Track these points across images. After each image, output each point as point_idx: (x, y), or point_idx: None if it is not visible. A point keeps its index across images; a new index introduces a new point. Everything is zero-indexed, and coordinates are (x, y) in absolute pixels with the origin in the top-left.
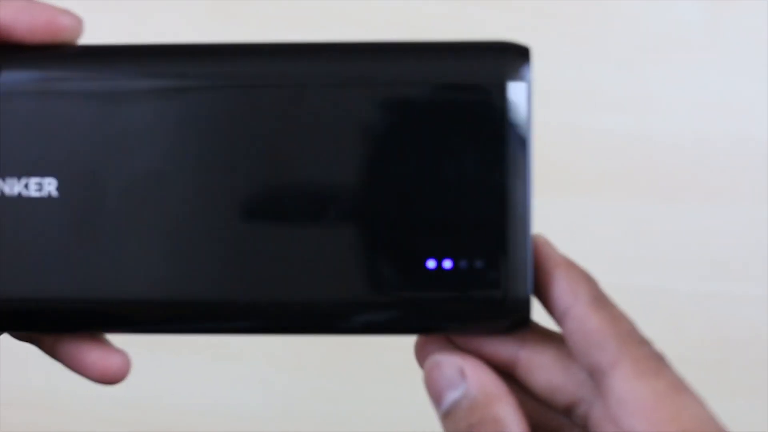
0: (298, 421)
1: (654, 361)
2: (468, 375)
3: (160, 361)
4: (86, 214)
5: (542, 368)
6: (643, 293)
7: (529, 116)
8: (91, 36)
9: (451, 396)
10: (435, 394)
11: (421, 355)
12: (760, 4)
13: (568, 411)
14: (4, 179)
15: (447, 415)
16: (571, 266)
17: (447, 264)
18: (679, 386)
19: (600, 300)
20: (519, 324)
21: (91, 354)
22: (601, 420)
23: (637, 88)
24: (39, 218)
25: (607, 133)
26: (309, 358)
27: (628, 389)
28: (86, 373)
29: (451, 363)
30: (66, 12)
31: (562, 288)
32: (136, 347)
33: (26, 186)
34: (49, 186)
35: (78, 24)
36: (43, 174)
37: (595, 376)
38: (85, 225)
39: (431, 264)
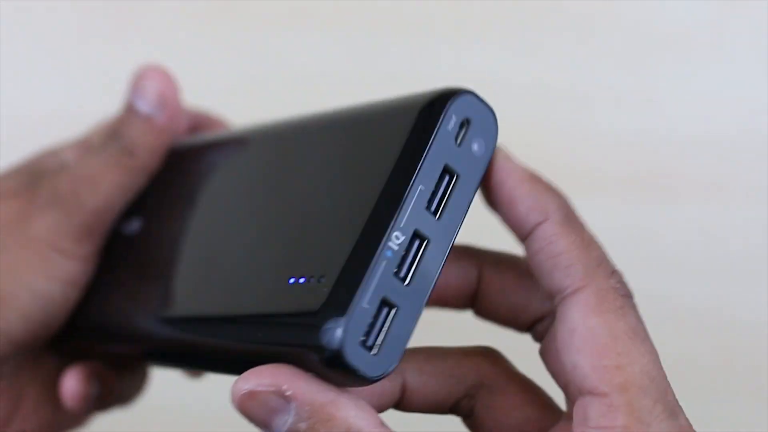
0: None
1: (619, 298)
2: (291, 395)
3: None
4: (146, 253)
5: (503, 292)
6: (645, 293)
7: (427, 147)
8: (88, 34)
9: (280, 422)
10: (261, 424)
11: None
12: (764, 3)
13: (531, 329)
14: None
15: None
16: (538, 181)
17: (291, 280)
18: (637, 333)
19: (571, 220)
20: (330, 362)
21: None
22: (551, 343)
23: (640, 88)
24: (123, 253)
25: (610, 132)
26: None
27: (583, 322)
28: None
29: (266, 388)
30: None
31: (528, 205)
32: None
33: (128, 224)
34: (137, 224)
35: (164, 125)
36: (137, 214)
37: (555, 299)
38: (142, 262)
39: (291, 280)
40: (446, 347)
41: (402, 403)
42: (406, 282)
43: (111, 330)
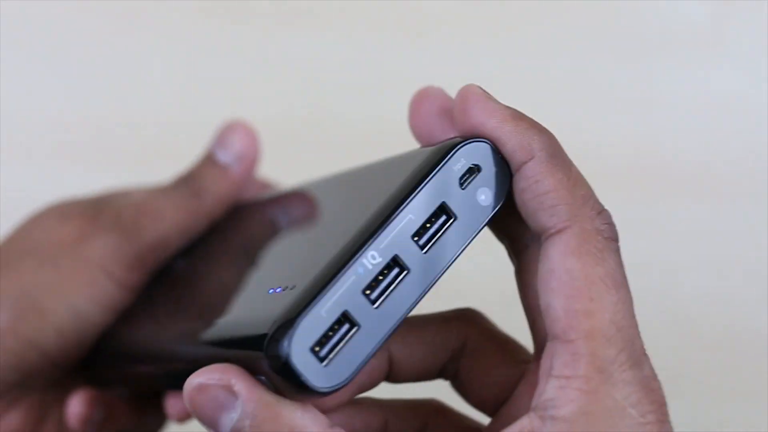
0: None
1: (602, 241)
2: (238, 390)
3: None
4: (176, 290)
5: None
6: (645, 294)
7: (415, 193)
8: (87, 34)
9: (227, 420)
10: (208, 421)
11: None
12: (764, 3)
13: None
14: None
15: None
16: (522, 119)
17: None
18: (614, 279)
19: (557, 158)
20: (277, 364)
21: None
22: (526, 274)
23: (640, 88)
24: (158, 288)
25: (610, 132)
26: None
27: (562, 263)
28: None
29: (215, 382)
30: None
31: (514, 143)
32: None
33: (175, 262)
34: (179, 264)
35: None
36: (184, 255)
37: (540, 239)
38: (170, 297)
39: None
40: (427, 315)
41: (391, 376)
42: (375, 305)
43: (127, 355)
